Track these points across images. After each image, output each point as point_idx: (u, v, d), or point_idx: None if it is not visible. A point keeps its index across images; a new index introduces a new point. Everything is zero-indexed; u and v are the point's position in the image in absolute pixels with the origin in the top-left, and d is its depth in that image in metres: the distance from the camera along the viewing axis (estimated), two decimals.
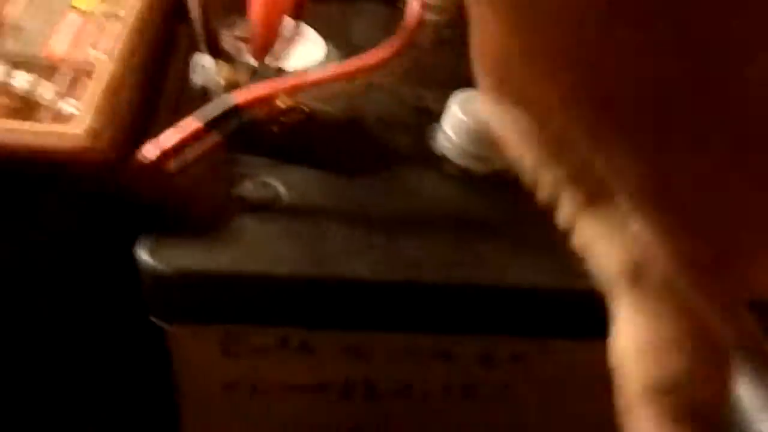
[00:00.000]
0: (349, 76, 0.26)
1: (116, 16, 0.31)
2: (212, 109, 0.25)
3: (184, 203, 0.27)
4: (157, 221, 0.26)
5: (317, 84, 0.26)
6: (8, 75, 0.26)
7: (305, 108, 0.31)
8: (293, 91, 0.27)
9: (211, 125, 0.25)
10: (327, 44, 0.37)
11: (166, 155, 0.25)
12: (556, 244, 0.29)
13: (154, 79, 0.31)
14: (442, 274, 0.27)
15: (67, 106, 0.25)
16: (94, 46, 0.29)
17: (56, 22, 0.30)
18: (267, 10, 0.25)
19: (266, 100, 0.26)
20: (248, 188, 0.28)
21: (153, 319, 0.27)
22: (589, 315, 0.30)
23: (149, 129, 0.28)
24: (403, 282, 0.27)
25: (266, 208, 0.28)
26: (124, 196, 0.26)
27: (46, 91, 0.26)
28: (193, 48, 0.33)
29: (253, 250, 0.26)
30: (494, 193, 0.32)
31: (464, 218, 0.30)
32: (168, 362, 0.29)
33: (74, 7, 0.31)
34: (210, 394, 0.30)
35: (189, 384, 0.30)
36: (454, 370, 0.30)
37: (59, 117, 0.25)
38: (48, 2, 0.31)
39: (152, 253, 0.25)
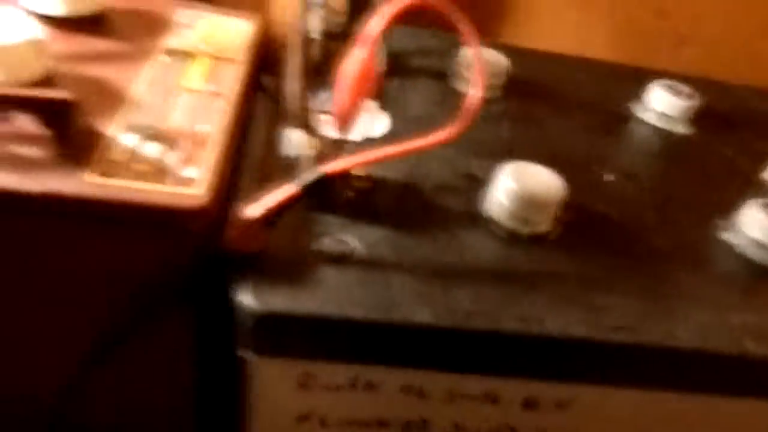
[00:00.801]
0: (420, 151, 0.33)
1: (219, 94, 0.39)
2: (307, 177, 0.32)
3: (277, 254, 0.33)
4: (252, 268, 0.33)
5: (393, 158, 0.33)
6: (141, 144, 0.33)
7: (374, 176, 0.38)
8: (374, 163, 0.33)
9: (306, 191, 0.31)
10: (388, 117, 0.44)
11: (268, 214, 0.31)
12: (591, 300, 0.35)
13: (240, 145, 0.38)
14: (491, 322, 0.33)
15: (188, 171, 0.32)
16: (204, 120, 0.36)
17: (172, 99, 0.38)
18: (356, 92, 0.32)
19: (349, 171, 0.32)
20: (327, 243, 0.35)
21: (241, 351, 0.33)
22: (619, 365, 0.35)
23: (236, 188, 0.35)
24: (458, 328, 0.33)
25: (342, 260, 0.34)
26: (227, 246, 0.32)
27: (171, 159, 0.33)
28: (272, 117, 0.41)
29: (331, 295, 0.33)
30: (537, 252, 0.38)
31: (510, 273, 0.36)
32: (236, 392, 0.35)
33: (185, 87, 0.39)
34: (282, 424, 0.36)
35: (263, 414, 0.36)
36: (501, 412, 0.36)
37: (182, 180, 0.32)
38: (163, 82, 0.39)
39: (249, 295, 0.32)
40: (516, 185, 0.38)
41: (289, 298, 0.32)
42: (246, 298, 0.32)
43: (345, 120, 0.33)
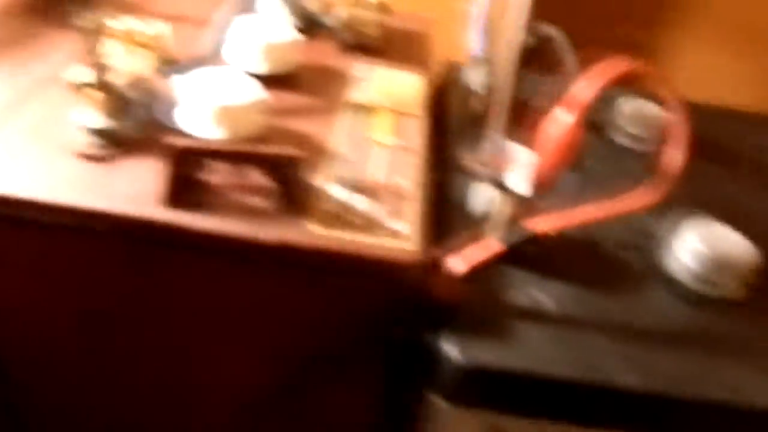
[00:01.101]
0: (621, 215, 0.33)
1: (407, 149, 0.41)
2: (515, 236, 0.33)
3: (473, 306, 0.34)
4: (453, 320, 0.34)
5: (597, 221, 0.34)
6: (349, 196, 0.36)
7: (556, 232, 0.39)
8: (580, 225, 0.34)
9: (511, 249, 0.33)
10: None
11: (474, 270, 0.33)
12: None
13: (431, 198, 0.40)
14: (699, 390, 0.33)
15: (395, 224, 0.34)
16: (399, 174, 0.38)
17: (366, 152, 0.40)
18: (559, 157, 0.33)
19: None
20: (518, 297, 0.36)
21: (433, 398, 0.34)
22: None
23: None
24: (665, 394, 0.32)
25: (535, 316, 0.35)
26: (430, 297, 0.34)
27: (378, 211, 0.35)
28: (450, 170, 0.42)
29: (530, 352, 0.33)
30: (729, 316, 0.37)
31: (706, 338, 0.36)
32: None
33: (375, 140, 0.41)
34: None
35: None
36: None
37: (392, 233, 0.34)
38: (354, 135, 0.42)
39: (452, 347, 0.33)
40: (704, 247, 0.38)
41: (489, 352, 0.33)
42: (449, 350, 0.33)
43: (544, 182, 0.34)
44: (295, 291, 0.34)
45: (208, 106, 0.37)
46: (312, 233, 0.34)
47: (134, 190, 0.34)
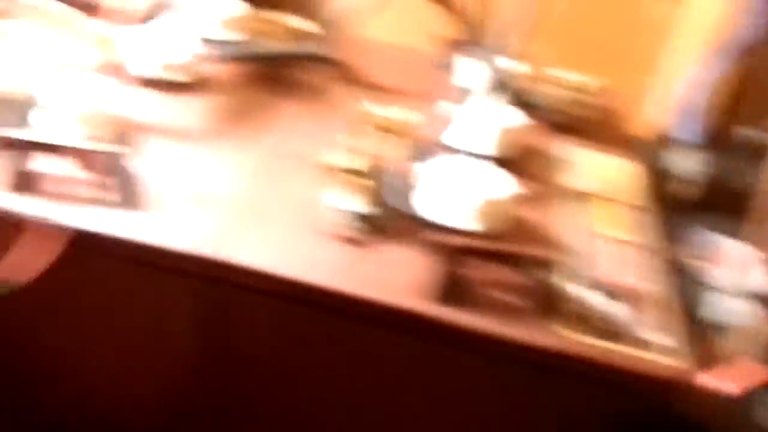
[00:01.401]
0: None
1: (641, 246, 0.40)
2: None
3: (729, 426, 0.33)
4: None
5: None
6: (588, 296, 0.35)
7: None
8: None
9: None
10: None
11: (745, 392, 0.31)
12: None
13: None
14: None
15: (647, 333, 0.34)
16: (638, 275, 0.37)
17: (594, 247, 0.39)
18: None
19: None
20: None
21: None
22: None
23: None
24: None
25: None
26: (688, 416, 0.33)
27: (624, 317, 0.34)
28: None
29: None
30: None
31: None
32: None
33: (601, 233, 0.41)
34: None
35: None
36: None
37: (645, 344, 0.33)
38: (578, 226, 0.41)
39: None
40: None
41: None
42: None
43: None
44: (550, 394, 0.34)
45: (470, 199, 0.37)
46: (558, 336, 0.33)
47: (392, 278, 0.35)
